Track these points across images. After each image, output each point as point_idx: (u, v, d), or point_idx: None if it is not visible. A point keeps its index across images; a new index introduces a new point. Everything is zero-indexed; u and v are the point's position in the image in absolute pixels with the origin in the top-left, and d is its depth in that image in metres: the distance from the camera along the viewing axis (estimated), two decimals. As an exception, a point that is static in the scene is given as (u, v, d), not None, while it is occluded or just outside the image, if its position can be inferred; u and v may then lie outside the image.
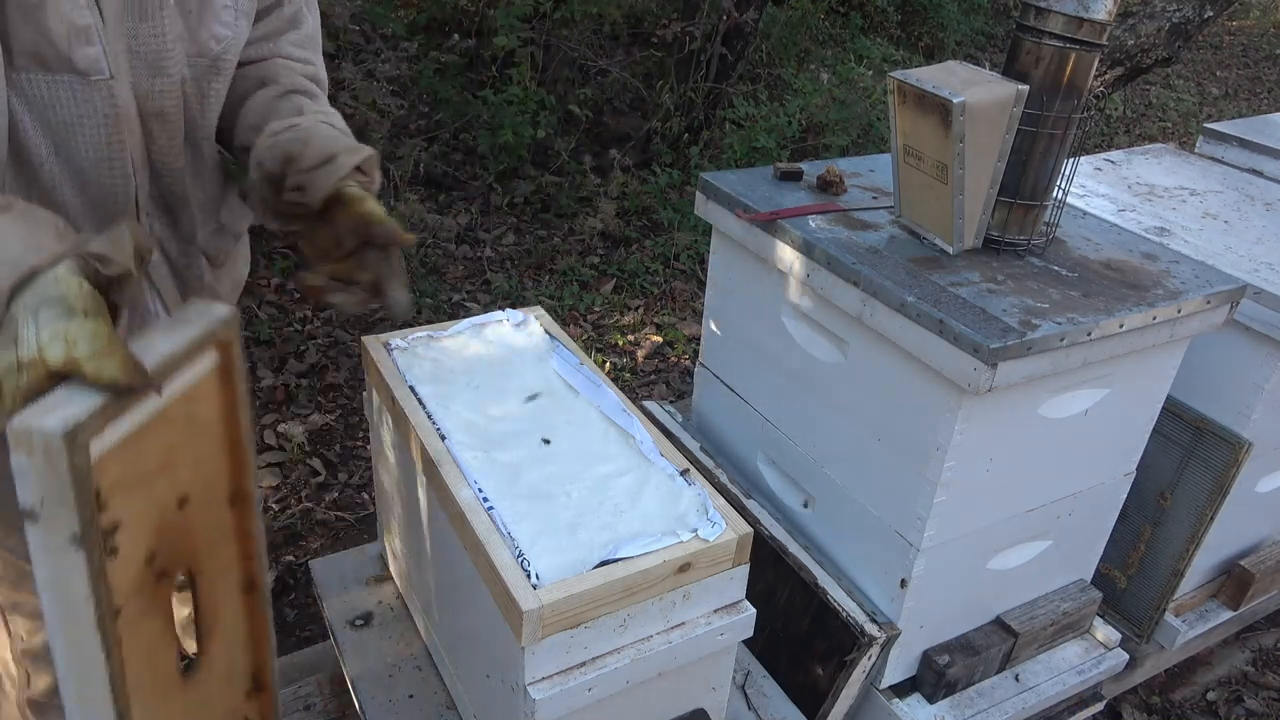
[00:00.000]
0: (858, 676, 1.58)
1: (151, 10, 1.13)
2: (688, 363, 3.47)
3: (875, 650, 1.55)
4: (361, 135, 3.86)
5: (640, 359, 3.48)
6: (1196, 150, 2.53)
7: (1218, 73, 8.14)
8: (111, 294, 0.89)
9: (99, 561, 0.81)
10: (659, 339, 3.59)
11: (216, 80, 1.23)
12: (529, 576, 1.07)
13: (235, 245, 1.44)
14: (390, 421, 1.42)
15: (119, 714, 0.87)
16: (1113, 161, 2.40)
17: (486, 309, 3.53)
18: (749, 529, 1.18)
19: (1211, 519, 1.92)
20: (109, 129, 1.13)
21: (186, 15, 1.15)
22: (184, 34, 1.16)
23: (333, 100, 1.41)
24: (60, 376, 0.81)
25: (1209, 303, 1.53)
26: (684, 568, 1.13)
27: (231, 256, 1.44)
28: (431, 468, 1.24)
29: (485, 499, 1.17)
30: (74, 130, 1.12)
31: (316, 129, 1.23)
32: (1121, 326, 1.42)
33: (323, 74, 1.41)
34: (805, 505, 1.75)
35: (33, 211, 0.93)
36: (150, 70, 1.15)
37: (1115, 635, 1.86)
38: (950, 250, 1.56)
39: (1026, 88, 1.44)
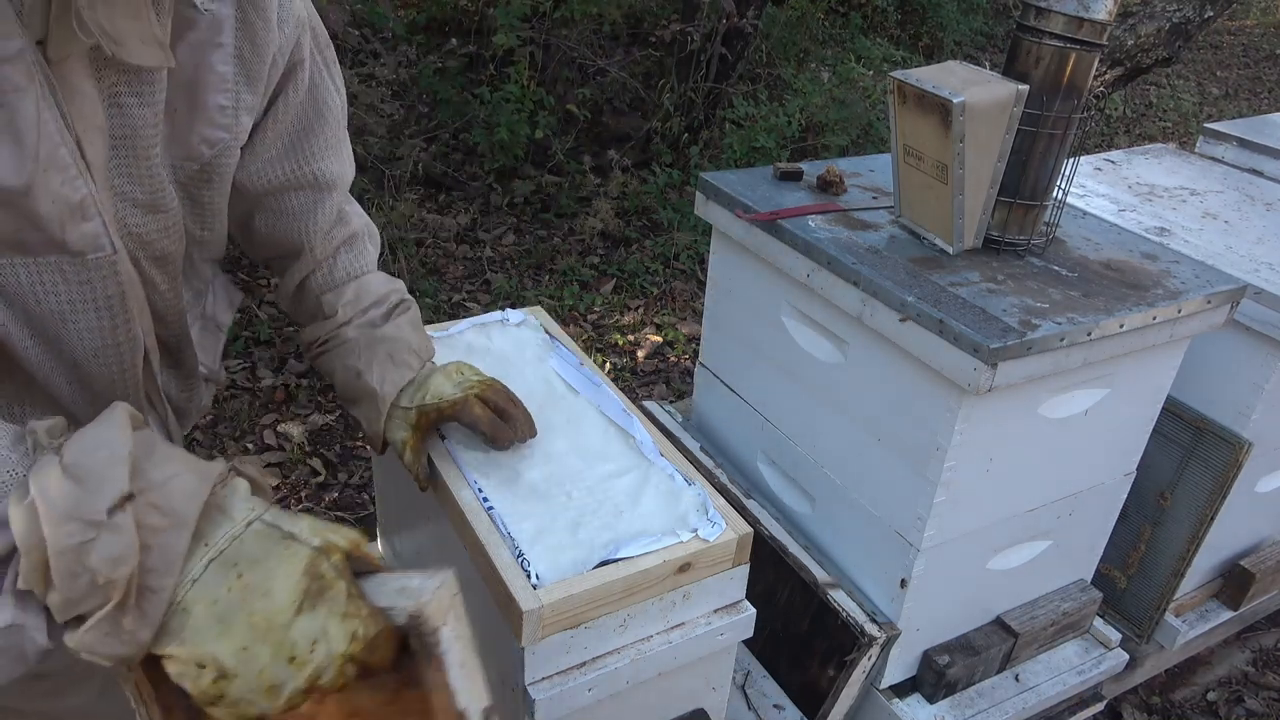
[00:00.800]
0: (858, 676, 1.58)
1: (144, 144, 0.92)
2: (688, 363, 3.47)
3: (875, 650, 1.55)
4: (361, 135, 3.87)
5: (640, 359, 3.47)
6: (1196, 150, 2.53)
7: (1218, 73, 8.14)
8: None
9: None
10: (659, 339, 3.59)
11: (209, 189, 1.03)
12: (529, 577, 1.07)
13: (221, 340, 1.30)
14: (390, 421, 1.42)
15: None
16: (1113, 161, 2.40)
17: (486, 309, 3.53)
18: (749, 529, 1.18)
19: (1211, 519, 1.92)
20: (112, 312, 0.94)
21: (171, 115, 0.95)
22: (169, 137, 0.97)
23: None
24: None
25: (1209, 303, 1.53)
26: (684, 568, 1.13)
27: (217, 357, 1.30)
28: (432, 468, 1.24)
29: (485, 499, 1.17)
30: (65, 319, 0.91)
31: (431, 357, 1.22)
32: (1121, 326, 1.42)
33: (350, 173, 1.22)
34: (806, 505, 1.75)
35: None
36: (145, 211, 0.96)
37: (1115, 635, 1.86)
38: (950, 250, 1.56)
39: (1026, 88, 1.44)
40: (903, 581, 1.55)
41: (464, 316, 1.58)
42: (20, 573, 0.69)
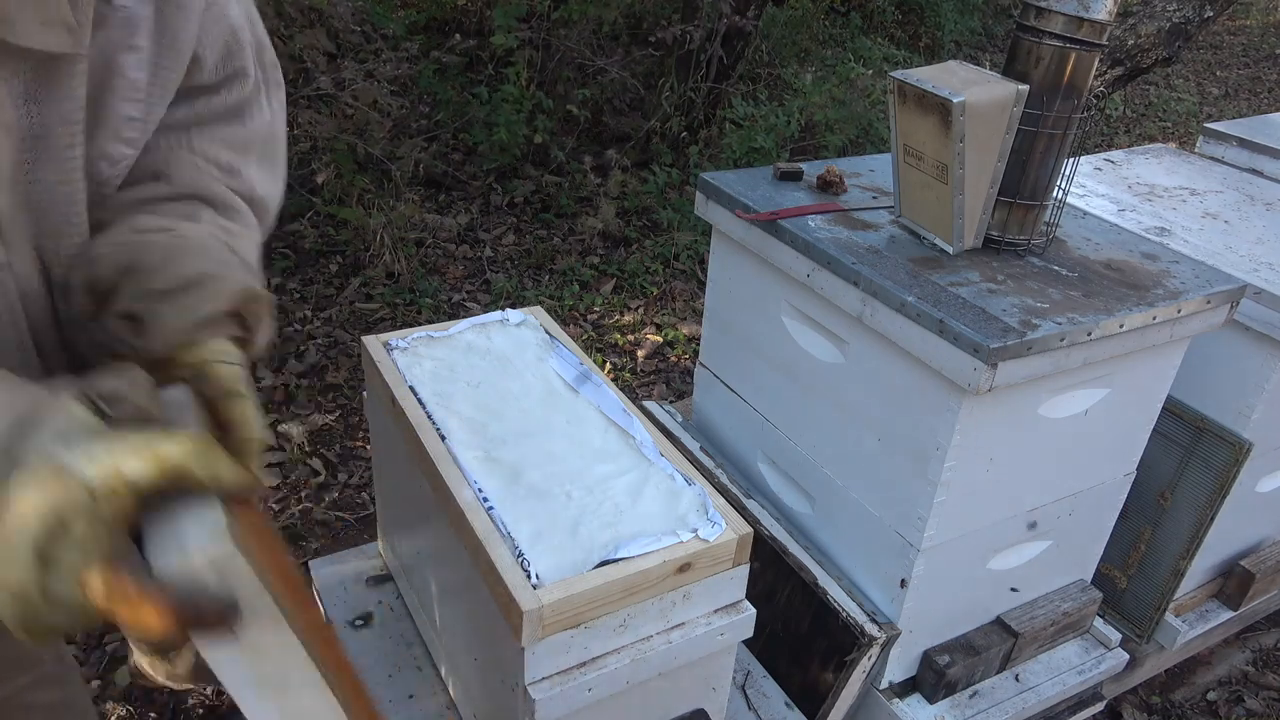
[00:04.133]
0: (858, 676, 1.58)
1: (57, 147, 0.78)
2: (688, 363, 3.47)
3: (875, 650, 1.55)
4: (362, 135, 3.87)
5: (640, 359, 3.47)
6: (1197, 150, 2.53)
7: (1218, 73, 8.14)
8: None
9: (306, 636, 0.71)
10: (659, 339, 3.59)
11: (102, 210, 0.87)
12: (529, 576, 1.07)
13: None
14: (390, 421, 1.42)
15: None
16: (1113, 161, 2.40)
17: (486, 309, 3.53)
18: (749, 529, 1.18)
19: (1211, 519, 1.92)
20: None
21: None
22: None
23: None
24: (143, 504, 0.62)
25: (1209, 303, 1.53)
26: (684, 568, 1.13)
27: None
28: (431, 468, 1.24)
29: (485, 499, 1.17)
30: None
31: (202, 243, 0.86)
32: (1122, 326, 1.42)
33: (264, 191, 1.00)
34: (806, 505, 1.75)
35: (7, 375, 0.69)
36: (54, 232, 0.82)
37: (1115, 635, 1.86)
38: (950, 250, 1.56)
39: (1026, 88, 1.44)
40: (903, 581, 1.55)
41: (464, 316, 1.58)
42: None
